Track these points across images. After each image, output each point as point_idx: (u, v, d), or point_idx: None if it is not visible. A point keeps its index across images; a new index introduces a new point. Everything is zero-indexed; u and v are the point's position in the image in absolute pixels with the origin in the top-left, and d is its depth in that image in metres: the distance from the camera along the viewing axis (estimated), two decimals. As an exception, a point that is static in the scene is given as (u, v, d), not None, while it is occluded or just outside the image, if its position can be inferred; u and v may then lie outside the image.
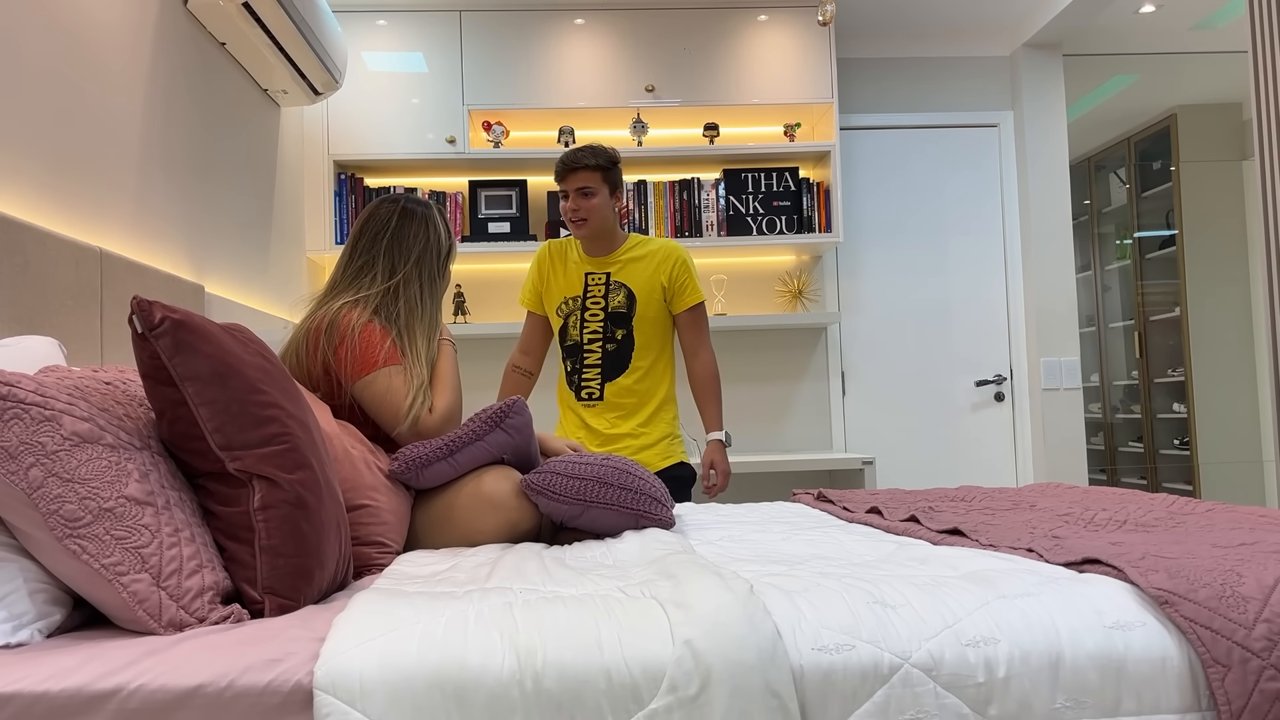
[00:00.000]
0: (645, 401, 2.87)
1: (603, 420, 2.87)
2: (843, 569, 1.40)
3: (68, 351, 1.93)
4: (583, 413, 2.89)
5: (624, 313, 2.86)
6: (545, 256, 2.98)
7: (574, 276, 2.92)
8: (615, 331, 2.87)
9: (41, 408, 1.13)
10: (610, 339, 2.87)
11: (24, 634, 1.11)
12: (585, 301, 2.89)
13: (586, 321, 2.88)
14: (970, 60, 4.63)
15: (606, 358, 2.87)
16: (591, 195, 2.81)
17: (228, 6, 2.75)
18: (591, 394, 2.87)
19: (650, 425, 2.87)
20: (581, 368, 2.88)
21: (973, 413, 4.56)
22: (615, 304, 2.87)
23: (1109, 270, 6.82)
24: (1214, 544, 1.42)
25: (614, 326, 2.87)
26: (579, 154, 2.81)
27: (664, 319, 2.90)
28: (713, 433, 2.93)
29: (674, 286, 2.87)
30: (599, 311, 2.88)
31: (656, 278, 2.87)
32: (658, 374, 2.89)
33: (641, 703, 1.03)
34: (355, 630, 1.07)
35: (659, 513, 1.84)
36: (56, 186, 2.05)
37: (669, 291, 2.88)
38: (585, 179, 2.81)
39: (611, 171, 2.85)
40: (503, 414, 1.86)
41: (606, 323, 2.87)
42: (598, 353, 2.87)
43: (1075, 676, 1.09)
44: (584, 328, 2.88)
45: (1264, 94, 3.16)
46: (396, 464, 1.78)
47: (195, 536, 1.22)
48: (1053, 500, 2.14)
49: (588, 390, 2.87)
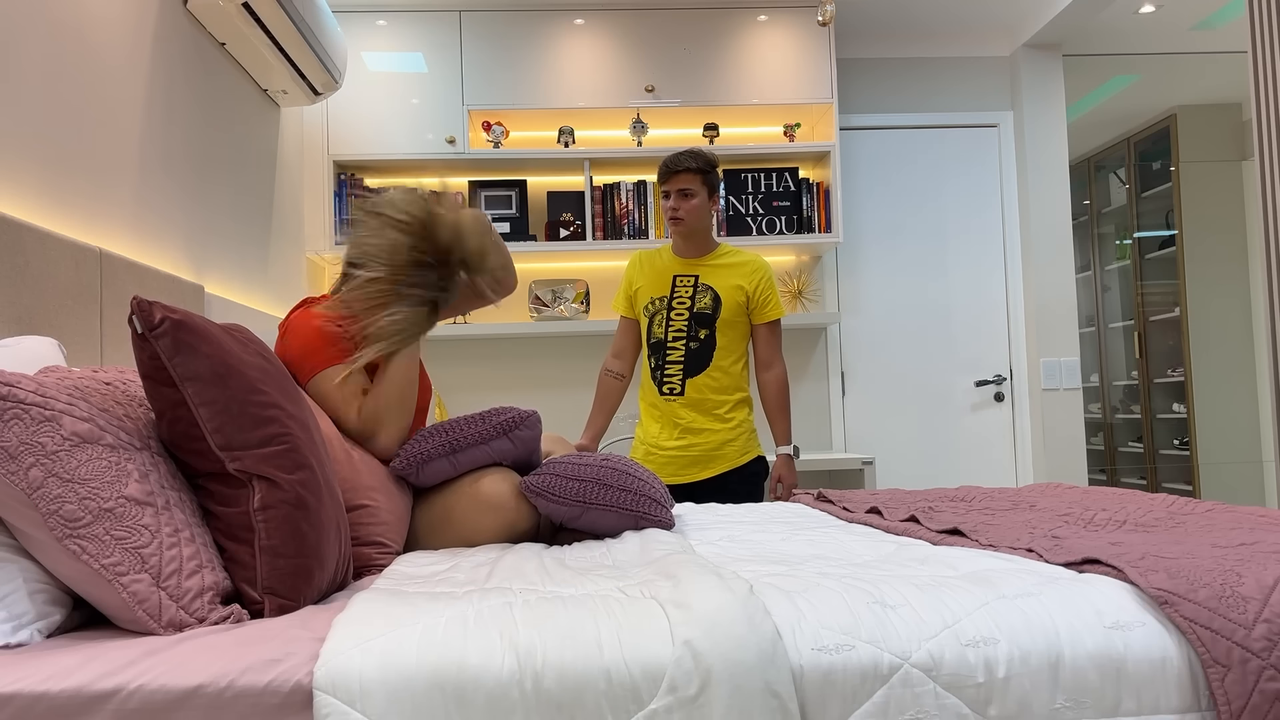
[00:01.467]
0: (724, 400, 2.97)
1: (685, 414, 2.97)
2: (842, 569, 1.40)
3: (67, 352, 1.93)
4: (664, 407, 2.99)
5: (709, 314, 2.98)
6: (636, 262, 3.12)
7: (663, 278, 3.04)
8: (699, 331, 2.98)
9: (41, 408, 1.13)
10: (694, 338, 2.98)
11: (24, 634, 1.11)
12: (672, 301, 3.01)
13: (672, 320, 3.00)
14: (970, 60, 4.63)
15: (689, 355, 2.98)
16: (691, 196, 2.96)
17: (227, 7, 2.75)
18: (673, 389, 2.98)
19: (728, 422, 2.97)
20: (664, 364, 3.00)
21: (972, 413, 4.56)
22: (701, 305, 2.98)
23: (1109, 270, 6.82)
24: (1214, 544, 1.41)
25: (698, 326, 2.98)
26: (681, 157, 2.96)
27: (744, 326, 3.01)
28: (782, 446, 3.04)
29: (758, 298, 2.99)
30: (684, 311, 2.99)
31: (742, 286, 2.98)
32: (735, 375, 2.99)
33: (641, 703, 1.03)
34: (355, 630, 1.07)
35: (658, 513, 1.84)
36: (56, 187, 2.05)
37: (752, 301, 2.99)
38: (687, 181, 2.95)
39: (711, 175, 2.99)
40: (513, 424, 1.85)
41: (691, 322, 2.98)
42: (681, 350, 2.98)
43: (1075, 677, 1.09)
44: (669, 326, 3.00)
45: (1263, 94, 3.16)
46: (399, 460, 1.78)
47: (195, 537, 1.22)
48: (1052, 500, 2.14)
49: (669, 385, 2.99)
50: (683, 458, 2.97)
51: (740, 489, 2.99)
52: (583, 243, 4.11)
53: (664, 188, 2.99)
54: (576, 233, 4.17)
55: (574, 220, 4.18)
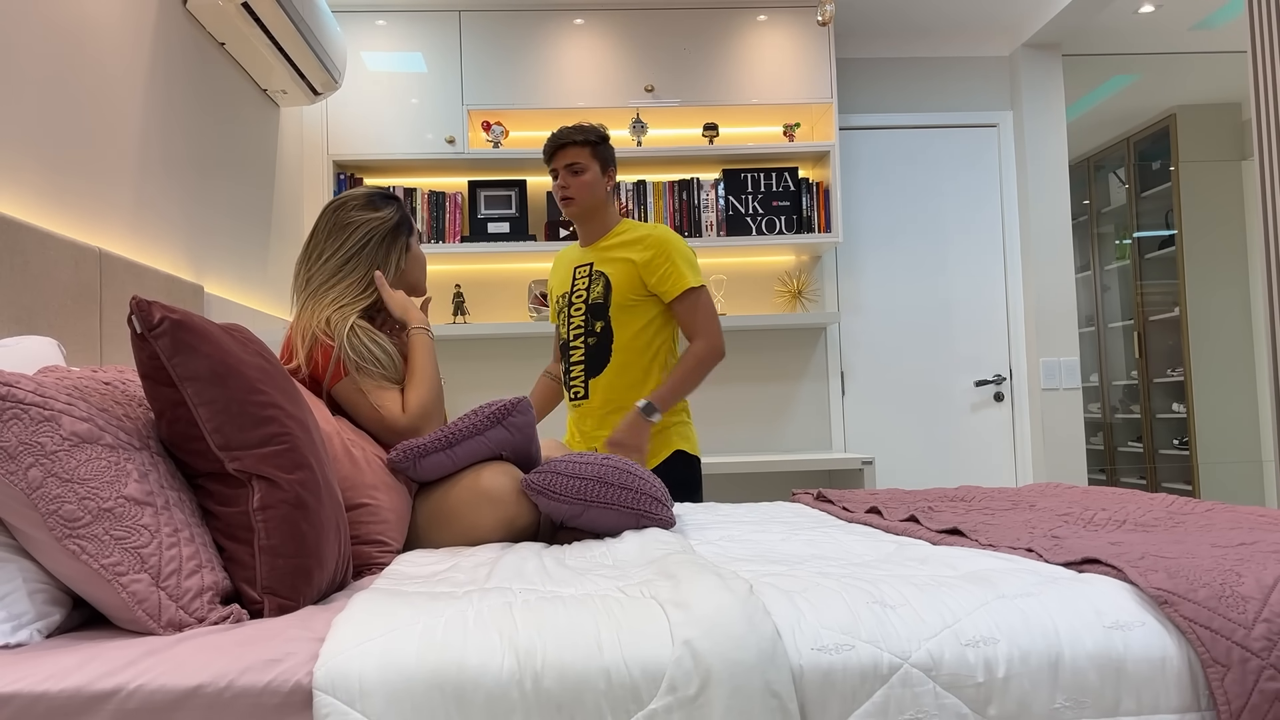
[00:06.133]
0: (634, 398, 2.68)
1: (588, 421, 2.72)
2: (842, 569, 1.40)
3: (67, 352, 1.93)
4: (574, 415, 2.76)
5: (601, 303, 2.69)
6: (555, 261, 2.92)
7: (566, 272, 2.81)
8: (595, 324, 2.70)
9: (41, 408, 1.13)
10: (591, 333, 2.70)
11: (23, 634, 1.11)
12: (571, 295, 2.76)
13: (571, 316, 2.75)
14: (969, 60, 4.63)
15: (589, 353, 2.71)
16: (581, 172, 2.69)
17: (227, 6, 2.75)
18: (578, 393, 2.73)
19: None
20: (570, 366, 2.75)
21: (972, 413, 4.56)
22: (594, 295, 2.70)
23: (1108, 270, 6.82)
24: (1213, 544, 1.41)
25: (593, 319, 2.70)
26: (566, 130, 2.70)
27: (648, 308, 2.69)
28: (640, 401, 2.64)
29: (654, 272, 2.66)
30: (581, 304, 2.73)
31: (631, 260, 2.68)
32: (645, 368, 2.69)
33: (641, 703, 1.03)
34: (355, 630, 1.06)
35: (659, 512, 1.84)
36: (56, 187, 2.05)
37: (648, 277, 2.67)
38: (574, 155, 2.69)
39: (601, 147, 2.72)
40: (506, 411, 1.85)
41: (587, 316, 2.71)
42: (581, 349, 2.72)
43: (1075, 676, 1.09)
44: (569, 323, 2.75)
45: (1263, 94, 3.16)
46: (395, 453, 1.78)
47: (194, 537, 1.22)
48: (1052, 500, 2.14)
49: (574, 389, 2.73)
50: None
51: None
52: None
53: (550, 165, 2.72)
54: (576, 233, 4.16)
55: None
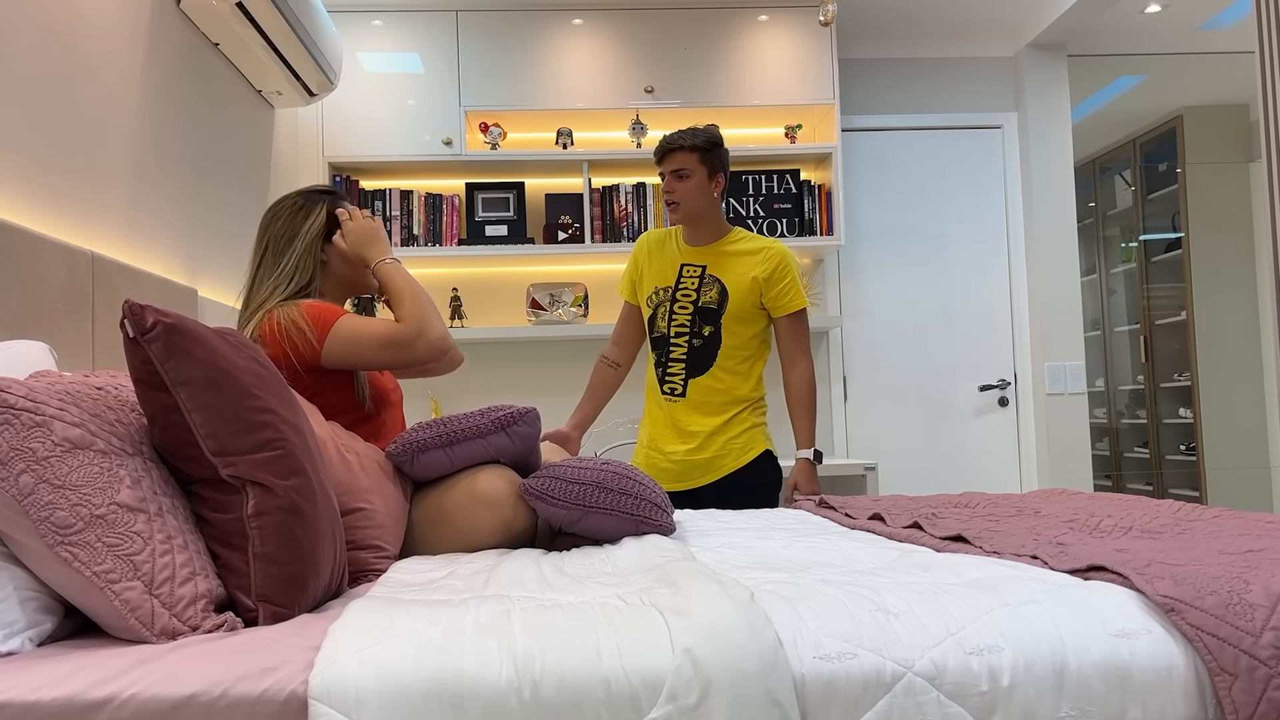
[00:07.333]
0: (731, 403, 2.78)
1: (685, 417, 2.80)
2: (844, 576, 1.39)
3: (59, 356, 1.92)
4: (666, 408, 2.83)
5: (714, 309, 2.77)
6: (644, 244, 2.93)
7: (669, 266, 2.85)
8: (703, 327, 2.78)
9: (32, 413, 1.12)
10: (697, 334, 2.78)
11: (14, 642, 1.10)
12: (676, 293, 2.81)
13: (675, 314, 2.81)
14: (973, 61, 4.62)
15: (692, 353, 2.79)
16: (687, 177, 2.75)
17: (221, 7, 2.74)
18: (675, 389, 2.81)
19: (733, 425, 2.78)
20: (668, 361, 2.82)
21: (976, 418, 4.55)
22: (706, 299, 2.78)
23: (1114, 273, 6.80)
24: (1220, 551, 1.40)
25: (702, 322, 2.78)
26: (677, 135, 2.76)
27: (758, 320, 2.80)
28: (801, 450, 2.82)
29: (774, 288, 2.76)
30: (688, 305, 2.79)
31: (754, 275, 2.76)
32: (744, 375, 2.79)
33: (640, 712, 1.01)
34: (351, 638, 1.05)
35: (659, 519, 1.83)
36: (48, 189, 2.04)
37: (768, 292, 2.77)
38: (681, 160, 2.75)
39: (711, 154, 2.76)
40: (512, 418, 1.83)
41: (695, 317, 2.79)
42: (684, 347, 2.80)
43: (1080, 685, 1.08)
44: (671, 320, 2.81)
45: (1271, 95, 3.14)
46: (395, 446, 1.77)
47: (188, 544, 1.21)
48: (1057, 506, 2.12)
49: (671, 385, 2.81)
50: (684, 463, 2.79)
51: (744, 491, 2.79)
52: (581, 245, 4.10)
53: (659, 169, 2.80)
54: (575, 235, 4.15)
55: (572, 223, 4.17)
